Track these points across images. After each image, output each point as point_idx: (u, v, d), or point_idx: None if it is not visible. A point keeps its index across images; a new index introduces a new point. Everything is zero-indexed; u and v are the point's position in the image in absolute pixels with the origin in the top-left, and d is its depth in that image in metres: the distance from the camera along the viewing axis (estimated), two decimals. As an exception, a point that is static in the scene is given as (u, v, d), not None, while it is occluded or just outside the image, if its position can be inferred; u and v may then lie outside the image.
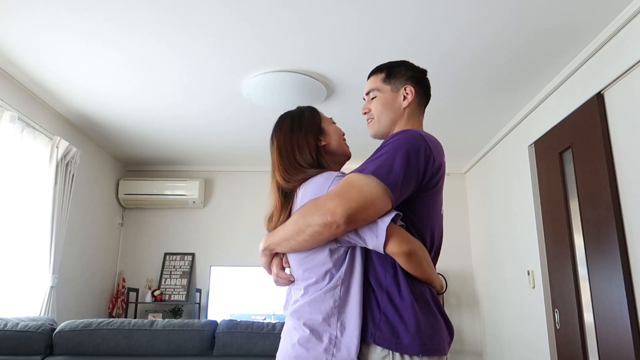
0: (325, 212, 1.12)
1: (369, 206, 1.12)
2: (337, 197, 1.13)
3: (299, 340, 1.17)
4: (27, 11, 2.23)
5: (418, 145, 1.21)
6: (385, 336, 1.14)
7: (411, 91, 1.40)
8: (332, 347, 1.14)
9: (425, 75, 1.47)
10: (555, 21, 2.27)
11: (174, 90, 3.08)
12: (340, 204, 1.11)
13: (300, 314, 1.20)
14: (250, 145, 4.18)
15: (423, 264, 1.19)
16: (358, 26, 2.33)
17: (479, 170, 4.41)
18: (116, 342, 2.14)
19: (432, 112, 3.39)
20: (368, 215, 1.13)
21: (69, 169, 3.40)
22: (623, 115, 2.26)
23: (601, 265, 2.39)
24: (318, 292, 1.19)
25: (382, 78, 1.43)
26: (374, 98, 1.43)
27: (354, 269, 1.20)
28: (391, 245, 1.15)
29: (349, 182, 1.16)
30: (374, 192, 1.13)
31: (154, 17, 2.26)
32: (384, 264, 1.20)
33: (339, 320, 1.16)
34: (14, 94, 2.93)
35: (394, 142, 1.21)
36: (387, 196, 1.14)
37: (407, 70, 1.44)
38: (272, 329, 2.20)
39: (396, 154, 1.18)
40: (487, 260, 4.20)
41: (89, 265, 3.99)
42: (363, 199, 1.12)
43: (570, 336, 2.73)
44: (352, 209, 1.11)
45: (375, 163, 1.17)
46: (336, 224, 1.12)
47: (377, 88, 1.43)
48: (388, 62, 1.48)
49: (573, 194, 2.73)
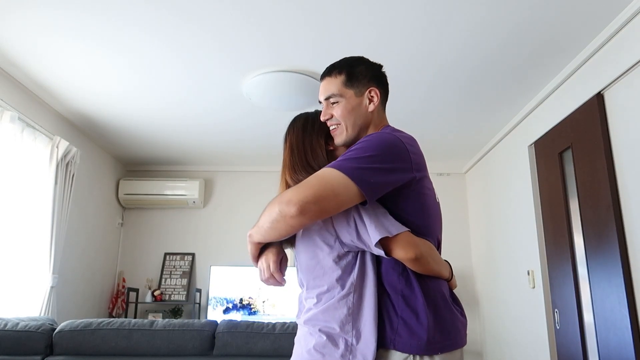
0: (281, 201, 1.10)
1: (330, 196, 1.09)
2: (298, 187, 1.11)
3: (314, 346, 1.16)
4: (27, 11, 2.23)
5: (391, 140, 1.19)
6: (404, 340, 1.14)
7: (376, 93, 1.34)
8: (348, 353, 1.13)
9: (382, 70, 1.40)
10: (555, 21, 2.27)
11: (174, 90, 3.08)
12: (297, 193, 1.09)
13: (315, 322, 1.19)
14: (251, 145, 4.18)
15: (431, 263, 1.19)
16: (359, 27, 2.33)
17: (479, 170, 4.41)
18: (116, 342, 2.14)
19: (432, 112, 3.39)
20: (328, 205, 1.10)
21: (69, 169, 3.40)
22: (623, 115, 2.26)
23: (601, 265, 2.39)
24: (331, 300, 1.18)
25: (343, 81, 1.33)
26: (336, 103, 1.33)
27: (366, 275, 1.19)
28: (397, 251, 1.15)
29: (315, 174, 1.14)
30: (336, 182, 1.10)
31: (154, 16, 2.26)
32: (395, 267, 1.20)
33: (354, 327, 1.15)
34: (14, 94, 2.93)
35: (366, 140, 1.20)
36: (353, 189, 1.10)
37: (368, 70, 1.36)
38: (272, 329, 2.20)
39: (367, 149, 1.16)
40: (487, 260, 4.20)
41: (89, 265, 3.99)
42: (323, 189, 1.09)
43: (570, 336, 2.73)
44: (307, 198, 1.07)
45: (345, 157, 1.16)
46: (290, 214, 1.08)
47: (339, 93, 1.32)
48: (344, 61, 1.38)
49: (573, 194, 2.73)
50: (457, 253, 4.63)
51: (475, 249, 4.54)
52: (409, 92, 3.06)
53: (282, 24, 2.33)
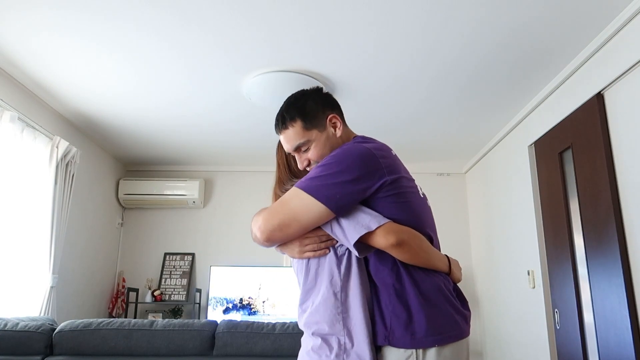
0: (255, 226, 1.21)
1: (292, 223, 1.18)
2: (267, 213, 1.20)
3: (312, 347, 1.19)
4: (27, 11, 2.23)
5: (355, 150, 1.22)
6: (399, 336, 1.14)
7: (336, 118, 1.35)
8: (342, 353, 1.14)
9: (324, 92, 1.41)
10: (555, 21, 2.27)
11: (174, 90, 3.08)
12: (264, 221, 1.19)
13: (309, 325, 1.21)
14: (251, 146, 4.18)
15: (418, 251, 1.18)
16: (360, 26, 2.33)
17: (479, 170, 4.41)
18: (116, 342, 2.14)
19: (432, 113, 3.39)
20: (291, 230, 1.19)
21: (69, 169, 3.40)
22: (623, 115, 2.26)
23: (601, 265, 2.39)
24: (319, 300, 1.20)
25: (302, 126, 1.32)
26: (307, 149, 1.33)
27: (351, 273, 1.20)
28: (377, 239, 1.15)
29: (280, 199, 1.22)
30: (298, 207, 1.17)
31: (154, 16, 2.26)
32: (385, 263, 1.20)
33: (345, 326, 1.16)
34: (14, 94, 2.93)
35: (332, 155, 1.24)
36: (319, 208, 1.16)
37: (316, 102, 1.35)
38: (272, 329, 2.20)
39: (332, 165, 1.19)
40: (487, 260, 4.20)
41: (89, 265, 3.99)
42: (285, 216, 1.18)
43: (570, 336, 2.73)
44: (273, 226, 1.18)
45: (311, 176, 1.21)
46: (260, 240, 1.21)
47: (306, 139, 1.32)
48: (290, 106, 1.35)
49: (573, 194, 2.73)
50: (457, 253, 4.62)
51: (475, 249, 4.54)
52: (409, 92, 3.06)
53: (282, 24, 2.32)
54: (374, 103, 3.23)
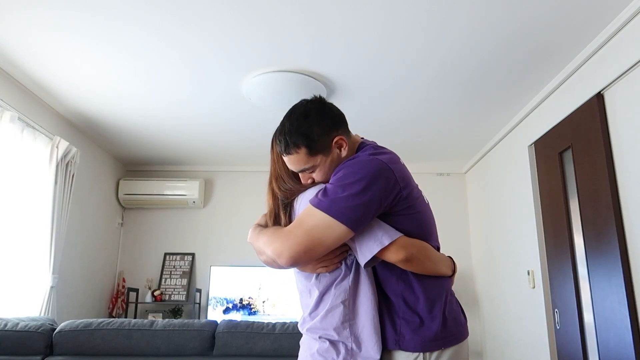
0: (274, 250, 1.17)
1: (317, 246, 1.15)
2: (287, 238, 1.16)
3: (318, 350, 1.19)
4: (27, 11, 2.23)
5: (369, 164, 1.18)
6: (408, 340, 1.17)
7: (342, 139, 1.28)
8: (349, 357, 1.16)
9: (327, 107, 1.31)
10: (555, 21, 2.27)
11: (174, 90, 3.08)
12: (288, 247, 1.15)
13: (315, 331, 1.22)
14: (251, 146, 4.18)
15: (426, 263, 1.20)
16: (360, 26, 2.33)
17: (479, 170, 4.41)
18: (116, 342, 2.14)
19: (432, 113, 3.39)
20: (317, 253, 1.16)
21: (69, 169, 3.40)
22: (623, 115, 2.26)
23: (601, 265, 2.39)
24: (326, 307, 1.21)
25: (307, 153, 1.25)
26: (312, 172, 1.29)
27: (360, 282, 1.22)
28: (388, 255, 1.17)
29: (300, 223, 1.17)
30: (322, 230, 1.14)
31: (154, 16, 2.26)
32: (392, 272, 1.22)
33: (352, 333, 1.18)
34: (14, 94, 2.93)
35: (345, 168, 1.20)
36: (339, 228, 1.14)
37: (322, 127, 1.26)
38: (272, 329, 2.20)
39: (347, 185, 1.15)
40: (487, 260, 4.20)
41: (89, 265, 3.99)
42: (310, 241, 1.14)
43: (570, 336, 2.73)
44: (298, 253, 1.14)
45: (327, 196, 1.16)
46: (281, 263, 1.17)
47: (311, 165, 1.27)
48: (295, 132, 1.26)
49: (573, 193, 2.73)
50: (457, 253, 4.62)
51: (475, 249, 4.54)
52: (409, 92, 3.06)
53: (282, 24, 2.32)
54: (373, 103, 3.23)
